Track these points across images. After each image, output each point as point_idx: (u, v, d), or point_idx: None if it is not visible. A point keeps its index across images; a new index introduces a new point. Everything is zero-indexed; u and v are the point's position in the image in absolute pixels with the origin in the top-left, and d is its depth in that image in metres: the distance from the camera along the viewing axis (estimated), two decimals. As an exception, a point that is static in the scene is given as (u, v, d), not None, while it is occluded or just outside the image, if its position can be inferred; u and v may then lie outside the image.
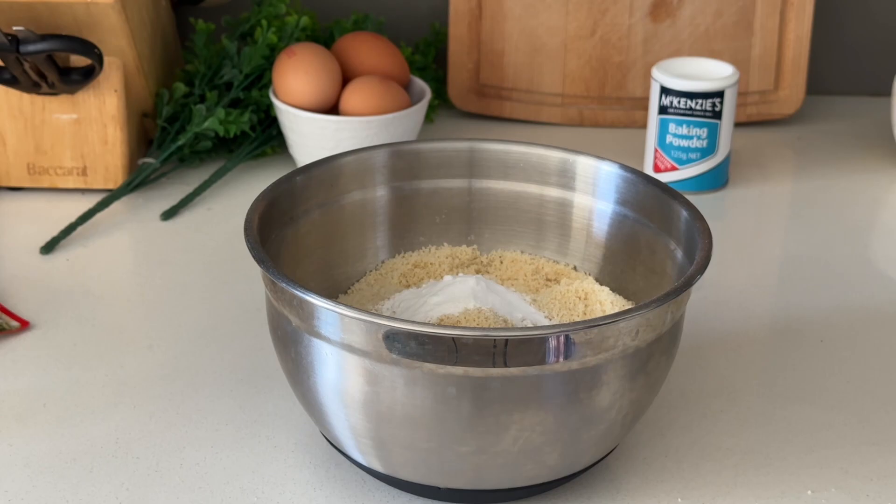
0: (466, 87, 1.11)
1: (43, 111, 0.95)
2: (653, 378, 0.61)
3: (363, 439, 0.60)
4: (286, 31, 1.04)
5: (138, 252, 0.92)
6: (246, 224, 0.63)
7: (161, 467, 0.66)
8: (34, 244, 0.89)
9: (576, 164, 0.73)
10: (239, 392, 0.72)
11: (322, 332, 0.58)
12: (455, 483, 0.61)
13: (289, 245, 0.69)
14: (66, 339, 0.78)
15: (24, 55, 0.87)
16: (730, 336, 0.80)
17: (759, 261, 0.91)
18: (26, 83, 0.91)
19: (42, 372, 0.74)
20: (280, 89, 0.97)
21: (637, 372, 0.59)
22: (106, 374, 0.74)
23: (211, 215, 0.95)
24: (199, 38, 1.04)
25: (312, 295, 0.57)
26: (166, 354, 0.76)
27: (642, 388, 0.61)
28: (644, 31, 1.09)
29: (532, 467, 0.60)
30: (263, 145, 1.03)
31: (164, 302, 0.83)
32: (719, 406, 0.72)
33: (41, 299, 0.83)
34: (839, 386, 0.75)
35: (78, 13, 0.89)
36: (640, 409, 0.62)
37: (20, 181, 0.97)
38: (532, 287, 0.72)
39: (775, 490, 0.65)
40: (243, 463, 0.66)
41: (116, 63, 0.94)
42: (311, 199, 0.71)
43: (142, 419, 0.70)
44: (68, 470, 0.65)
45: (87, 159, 0.96)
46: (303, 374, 0.61)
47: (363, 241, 0.74)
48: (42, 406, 0.71)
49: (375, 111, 0.95)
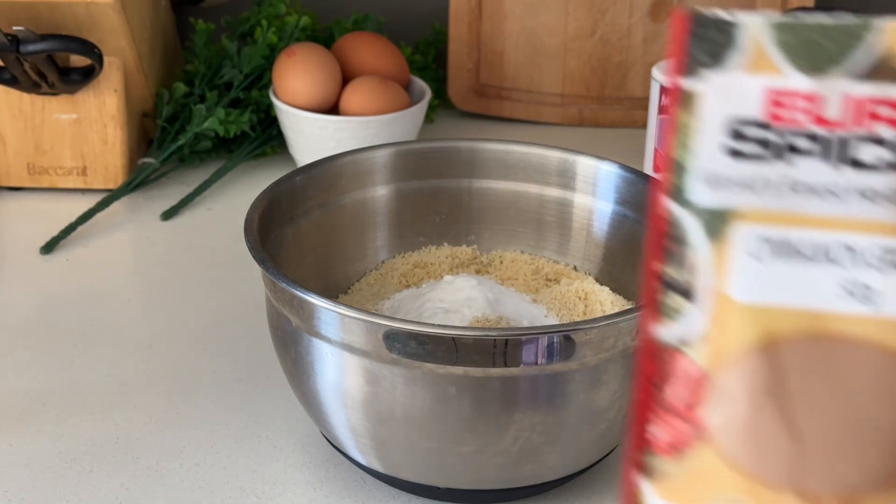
0: (466, 86, 1.11)
1: (43, 111, 0.95)
2: (653, 378, 0.61)
3: (363, 439, 0.60)
4: (286, 30, 1.04)
5: (138, 252, 0.92)
6: (246, 224, 0.63)
7: (161, 467, 0.66)
8: (34, 244, 0.89)
9: (576, 164, 0.73)
10: (239, 392, 0.72)
11: (322, 332, 0.58)
12: (455, 483, 0.61)
13: (289, 245, 0.69)
14: (66, 339, 0.78)
15: (24, 55, 0.87)
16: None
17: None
18: (26, 83, 0.91)
19: (42, 372, 0.74)
20: (280, 89, 0.97)
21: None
22: (106, 374, 0.74)
23: (211, 215, 0.95)
24: (199, 38, 1.05)
25: (312, 295, 0.57)
26: (166, 354, 0.76)
27: (642, 388, 0.61)
28: (644, 31, 1.09)
29: (532, 467, 0.60)
30: (263, 145, 1.03)
31: (164, 302, 0.83)
32: (719, 406, 0.72)
33: (41, 299, 0.83)
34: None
35: (78, 13, 0.89)
36: (640, 409, 0.62)
37: (20, 181, 0.97)
38: (532, 287, 0.72)
39: (775, 490, 0.65)
40: (243, 463, 0.66)
41: (116, 63, 0.94)
42: (312, 199, 0.71)
43: (142, 419, 0.70)
44: (68, 470, 0.65)
45: (87, 159, 0.96)
46: (303, 374, 0.61)
47: (363, 241, 0.74)
48: (42, 406, 0.71)
49: (375, 111, 0.95)
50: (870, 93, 0.37)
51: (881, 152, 0.37)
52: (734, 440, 0.39)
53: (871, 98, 0.37)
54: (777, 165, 0.37)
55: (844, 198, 0.37)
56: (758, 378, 0.38)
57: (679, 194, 0.38)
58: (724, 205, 0.38)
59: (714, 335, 0.38)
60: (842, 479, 0.38)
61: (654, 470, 0.40)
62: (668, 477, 0.40)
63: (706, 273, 0.38)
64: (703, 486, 0.39)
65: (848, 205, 0.37)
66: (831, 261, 0.38)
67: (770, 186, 0.38)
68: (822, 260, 0.38)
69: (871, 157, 0.37)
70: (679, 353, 0.39)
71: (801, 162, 0.37)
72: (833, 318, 0.38)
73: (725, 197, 0.38)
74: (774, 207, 0.38)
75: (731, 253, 0.38)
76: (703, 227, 0.38)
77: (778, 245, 0.38)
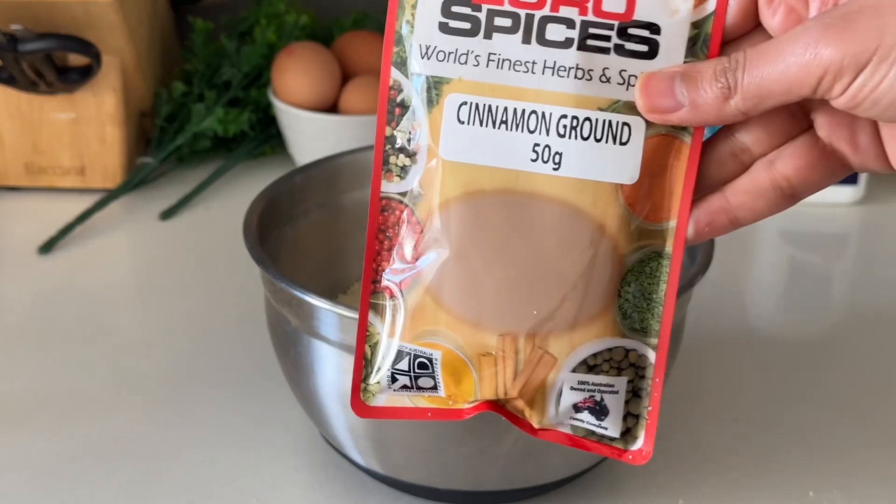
0: (466, 86, 1.11)
1: (41, 110, 0.95)
2: (654, 379, 0.61)
3: (363, 440, 0.60)
4: (285, 29, 1.04)
5: (137, 252, 0.92)
6: (245, 224, 0.63)
7: (160, 468, 0.65)
8: (32, 244, 0.89)
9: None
10: (238, 393, 0.72)
11: (321, 332, 0.58)
12: (455, 484, 0.61)
13: (288, 245, 0.69)
14: (65, 339, 0.78)
15: (21, 54, 0.87)
16: (732, 337, 0.80)
17: (761, 261, 0.91)
18: (24, 82, 0.91)
19: (40, 372, 0.74)
20: (279, 88, 0.97)
21: (638, 372, 0.59)
22: (105, 374, 0.74)
23: (210, 215, 0.95)
24: (198, 37, 1.04)
25: (312, 295, 0.57)
26: (165, 354, 0.76)
27: (643, 388, 0.61)
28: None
29: (533, 468, 0.60)
30: (262, 145, 1.03)
31: (163, 302, 0.83)
32: (721, 407, 0.72)
33: (40, 299, 0.82)
34: (842, 387, 0.75)
35: (76, 12, 0.89)
36: (641, 410, 0.62)
37: (18, 180, 0.97)
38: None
39: (777, 492, 0.65)
40: (242, 464, 0.66)
41: (115, 62, 0.94)
42: (311, 199, 0.71)
43: (141, 419, 0.70)
44: (68, 470, 0.65)
45: (85, 159, 0.96)
46: (302, 375, 0.61)
47: (363, 241, 0.74)
48: (42, 406, 0.71)
49: (375, 110, 0.95)
50: None
51: (566, 31, 0.43)
52: (440, 281, 0.44)
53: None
54: (482, 41, 0.43)
55: (536, 71, 0.43)
56: (460, 227, 0.44)
57: (402, 64, 0.44)
58: (438, 74, 0.43)
59: (427, 189, 0.44)
60: (533, 319, 0.44)
61: (383, 308, 0.46)
62: (392, 313, 0.45)
63: (424, 135, 0.43)
64: (419, 322, 0.45)
65: (539, 77, 0.43)
66: (525, 127, 0.43)
67: (475, 59, 0.43)
68: (517, 126, 0.43)
69: (558, 35, 0.43)
70: (403, 205, 0.45)
71: (500, 38, 0.43)
72: (525, 176, 0.43)
73: (439, 67, 0.43)
74: (479, 78, 0.43)
75: (443, 117, 0.43)
76: (422, 94, 0.43)
77: (481, 111, 0.43)
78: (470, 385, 0.45)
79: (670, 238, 0.45)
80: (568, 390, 0.45)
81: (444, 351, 0.45)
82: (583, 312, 0.44)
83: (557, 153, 0.43)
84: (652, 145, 0.43)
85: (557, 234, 0.44)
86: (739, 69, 0.41)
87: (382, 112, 0.44)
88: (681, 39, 0.43)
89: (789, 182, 0.44)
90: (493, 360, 0.45)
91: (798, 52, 0.39)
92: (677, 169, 0.44)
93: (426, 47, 0.43)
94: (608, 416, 0.46)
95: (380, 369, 0.46)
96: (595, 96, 0.43)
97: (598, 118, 0.43)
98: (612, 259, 0.44)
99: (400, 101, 0.44)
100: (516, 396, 0.45)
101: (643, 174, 0.44)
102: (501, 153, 0.43)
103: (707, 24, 0.43)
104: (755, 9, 0.43)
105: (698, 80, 0.42)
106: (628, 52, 0.43)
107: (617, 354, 0.45)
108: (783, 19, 0.42)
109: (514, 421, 0.46)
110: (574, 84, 0.43)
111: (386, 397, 0.46)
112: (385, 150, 0.44)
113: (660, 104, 0.42)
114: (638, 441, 0.46)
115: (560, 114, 0.43)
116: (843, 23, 0.38)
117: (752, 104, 0.41)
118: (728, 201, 0.45)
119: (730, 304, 0.84)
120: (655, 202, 0.44)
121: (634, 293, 0.45)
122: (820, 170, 0.44)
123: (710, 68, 0.42)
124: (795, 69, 0.39)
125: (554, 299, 0.44)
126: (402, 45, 0.43)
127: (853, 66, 0.38)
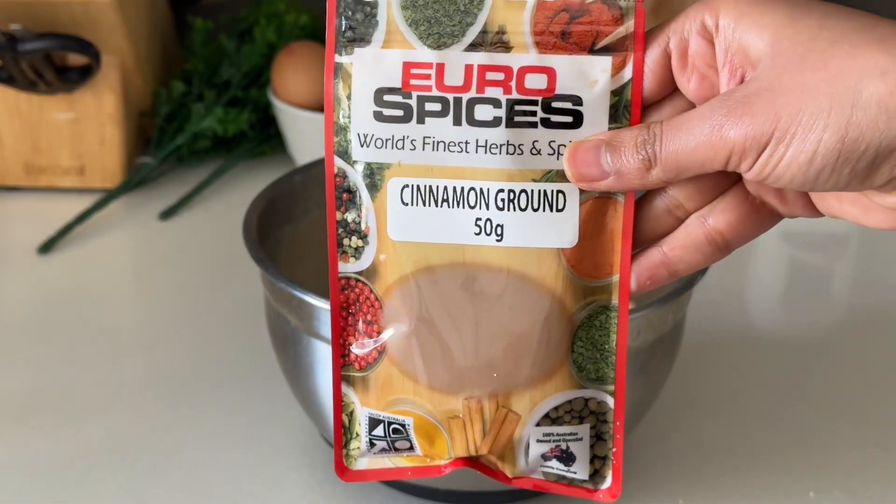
0: (466, 86, 1.11)
1: (40, 110, 0.95)
2: (654, 379, 0.61)
3: (363, 440, 0.60)
4: (285, 29, 1.03)
5: (136, 252, 0.92)
6: (245, 224, 0.63)
7: (160, 468, 0.65)
8: (32, 244, 0.89)
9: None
10: (238, 393, 0.72)
11: (321, 332, 0.58)
12: (455, 485, 0.61)
13: (288, 245, 0.69)
14: (64, 339, 0.77)
15: (21, 54, 0.87)
16: (732, 337, 0.80)
17: (761, 261, 0.91)
18: (23, 82, 0.91)
19: (39, 372, 0.74)
20: (279, 88, 0.97)
21: (638, 372, 0.59)
22: (105, 375, 0.74)
23: (209, 215, 0.95)
24: (198, 37, 1.04)
25: (311, 295, 0.57)
26: (165, 354, 0.76)
27: (643, 388, 0.61)
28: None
29: (533, 469, 0.60)
30: (262, 144, 1.03)
31: (163, 302, 0.83)
32: (721, 407, 0.72)
33: (39, 299, 0.82)
34: (842, 387, 0.75)
35: (75, 12, 0.89)
36: (641, 410, 0.62)
37: (17, 180, 0.97)
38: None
39: (777, 492, 0.65)
40: (242, 464, 0.66)
41: (114, 62, 0.94)
42: (311, 199, 0.71)
43: (141, 419, 0.69)
44: (67, 470, 0.65)
45: (84, 158, 0.96)
46: (302, 375, 0.60)
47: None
48: (41, 406, 0.71)
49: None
50: (482, 61, 0.44)
51: (494, 111, 0.44)
52: (403, 353, 0.47)
53: (483, 65, 0.44)
54: (416, 126, 0.44)
55: (469, 150, 0.44)
56: (416, 302, 0.46)
57: (344, 153, 0.45)
58: (378, 160, 0.45)
59: (381, 268, 0.46)
60: (493, 381, 0.47)
61: (354, 379, 0.48)
62: (362, 384, 0.47)
63: (372, 218, 0.45)
64: (387, 392, 0.47)
65: (473, 156, 0.44)
66: (465, 203, 0.45)
67: (412, 144, 0.45)
68: (458, 203, 0.45)
69: (486, 115, 0.44)
70: (362, 283, 0.47)
71: (432, 122, 0.44)
72: (471, 249, 0.45)
73: (379, 154, 0.45)
74: (417, 161, 0.45)
75: (388, 200, 0.45)
76: (365, 180, 0.45)
77: (423, 192, 0.45)
78: (443, 445, 0.48)
79: (615, 291, 0.47)
80: (535, 442, 0.47)
81: (414, 417, 0.47)
82: (540, 370, 0.46)
83: (499, 225, 0.45)
84: (587, 208, 0.45)
85: (508, 300, 0.45)
86: (657, 142, 0.42)
87: (331, 199, 0.46)
88: (603, 108, 0.44)
89: (723, 236, 0.46)
90: (462, 422, 0.47)
91: (706, 132, 0.41)
92: (614, 228, 0.46)
93: (364, 136, 0.45)
94: (575, 461, 0.48)
95: (358, 435, 0.48)
96: (528, 169, 0.44)
97: (533, 189, 0.44)
98: (562, 318, 0.46)
99: (346, 188, 0.45)
100: (487, 453, 0.48)
101: (582, 236, 0.45)
102: (446, 230, 0.45)
103: (626, 91, 0.44)
104: (671, 75, 0.44)
105: (621, 150, 0.43)
106: (554, 123, 0.44)
107: (577, 405, 0.47)
108: (697, 86, 0.44)
109: (489, 473, 0.49)
110: (507, 160, 0.44)
111: (367, 460, 0.49)
112: (338, 234, 0.46)
113: (587, 173, 0.44)
114: (606, 480, 0.49)
115: (497, 188, 0.44)
116: (742, 106, 0.40)
117: (672, 175, 0.42)
118: (666, 255, 0.46)
119: (730, 304, 0.84)
120: (597, 260, 0.46)
121: (587, 346, 0.47)
122: (751, 222, 0.46)
123: (632, 139, 0.43)
124: (705, 148, 0.41)
125: (511, 361, 0.46)
126: (342, 135, 0.45)
127: (754, 147, 0.40)
